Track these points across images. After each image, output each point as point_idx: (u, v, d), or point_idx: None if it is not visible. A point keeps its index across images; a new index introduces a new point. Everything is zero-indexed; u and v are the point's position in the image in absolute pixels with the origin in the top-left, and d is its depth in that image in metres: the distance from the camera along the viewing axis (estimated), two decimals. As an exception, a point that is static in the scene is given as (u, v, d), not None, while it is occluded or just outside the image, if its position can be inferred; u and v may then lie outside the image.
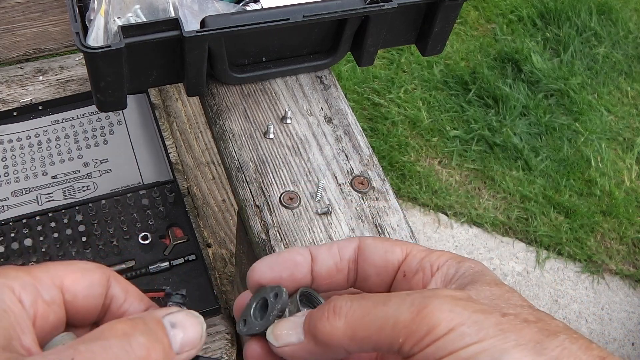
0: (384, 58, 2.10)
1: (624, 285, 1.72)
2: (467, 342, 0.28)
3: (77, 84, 1.03)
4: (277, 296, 0.35)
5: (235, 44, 0.65)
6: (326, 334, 0.31)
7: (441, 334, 0.29)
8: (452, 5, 0.67)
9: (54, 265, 0.32)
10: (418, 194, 1.80)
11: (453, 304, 0.30)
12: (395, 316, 0.30)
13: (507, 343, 0.28)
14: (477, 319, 0.29)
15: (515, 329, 0.29)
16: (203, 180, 1.00)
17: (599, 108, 2.06)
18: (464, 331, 0.29)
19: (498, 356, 0.28)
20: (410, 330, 0.29)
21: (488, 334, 0.29)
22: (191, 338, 0.31)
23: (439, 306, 0.30)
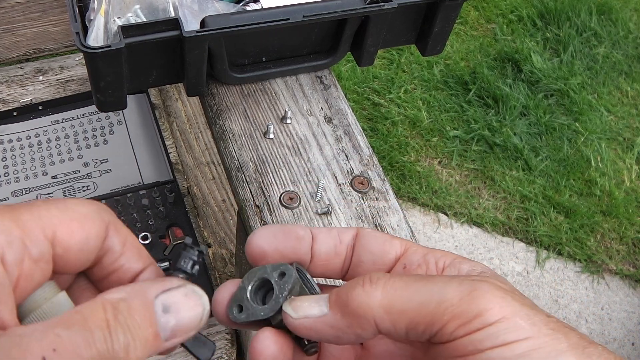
0: (384, 58, 2.10)
1: (623, 285, 1.72)
2: (520, 336, 0.27)
3: (77, 84, 1.03)
4: (284, 275, 0.32)
5: (235, 44, 0.65)
6: (361, 302, 0.29)
7: (492, 320, 0.27)
8: (452, 5, 0.67)
9: (47, 210, 0.28)
10: (418, 194, 1.80)
11: (503, 292, 0.28)
12: (441, 293, 0.28)
13: (561, 344, 0.27)
14: (529, 313, 0.28)
15: (562, 331, 0.28)
16: (203, 180, 1.00)
17: (599, 108, 2.06)
18: (517, 323, 0.27)
19: (555, 356, 0.27)
20: (459, 310, 0.28)
21: (540, 331, 0.27)
22: (185, 323, 0.28)
23: (490, 291, 0.28)
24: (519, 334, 0.27)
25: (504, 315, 0.27)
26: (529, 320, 0.28)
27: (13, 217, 0.27)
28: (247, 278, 0.33)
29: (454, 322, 0.28)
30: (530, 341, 0.27)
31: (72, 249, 0.28)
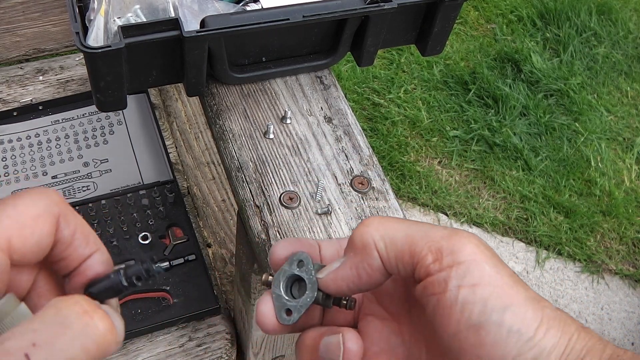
0: (384, 58, 2.10)
1: (623, 285, 1.72)
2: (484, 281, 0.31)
3: (77, 84, 1.03)
4: (302, 261, 0.37)
5: (235, 44, 0.65)
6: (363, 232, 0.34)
7: (464, 259, 0.31)
8: (452, 5, 0.67)
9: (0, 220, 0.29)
10: (418, 194, 1.80)
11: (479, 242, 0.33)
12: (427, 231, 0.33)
13: (519, 295, 0.31)
14: (497, 264, 0.32)
15: (523, 287, 0.32)
16: (203, 180, 1.00)
17: (598, 108, 2.06)
18: (484, 268, 0.31)
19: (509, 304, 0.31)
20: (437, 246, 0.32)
21: (503, 280, 0.31)
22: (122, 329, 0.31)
23: (468, 238, 0.32)
24: (483, 278, 0.31)
25: (474, 258, 0.32)
26: (495, 268, 0.32)
27: None
28: (275, 285, 0.37)
29: (431, 255, 0.32)
30: (491, 287, 0.31)
31: (27, 252, 0.30)
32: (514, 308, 0.31)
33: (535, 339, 0.31)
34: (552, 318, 0.32)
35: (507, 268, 0.33)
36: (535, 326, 0.31)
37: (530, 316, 0.31)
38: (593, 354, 0.31)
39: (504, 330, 0.31)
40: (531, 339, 0.31)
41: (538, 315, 0.31)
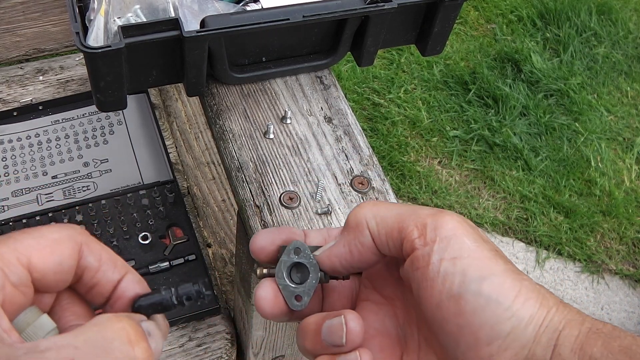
0: (384, 58, 2.10)
1: (623, 285, 1.72)
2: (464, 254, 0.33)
3: (77, 84, 1.03)
4: (298, 248, 0.39)
5: (235, 44, 0.65)
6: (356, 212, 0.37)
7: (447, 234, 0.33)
8: (452, 5, 0.67)
9: (20, 241, 0.31)
10: (418, 194, 1.80)
11: (463, 219, 0.35)
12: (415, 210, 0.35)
13: (498, 266, 0.33)
14: (477, 239, 0.34)
15: (504, 260, 0.34)
16: (203, 180, 1.00)
17: (598, 108, 2.06)
18: (464, 241, 0.33)
19: (487, 275, 0.32)
20: (423, 222, 0.34)
21: (483, 254, 0.33)
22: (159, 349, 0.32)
23: (452, 216, 0.34)
24: (463, 251, 0.33)
25: (455, 233, 0.34)
26: (475, 243, 0.33)
27: None
28: (279, 277, 0.39)
29: (417, 230, 0.34)
30: (470, 259, 0.33)
31: (47, 272, 0.31)
32: (492, 278, 0.32)
33: (513, 308, 0.32)
34: (531, 290, 0.33)
35: (488, 243, 0.34)
36: (513, 295, 0.32)
37: (509, 286, 0.32)
38: (572, 326, 0.32)
39: (482, 300, 0.32)
40: (509, 307, 0.32)
41: (516, 285, 0.32)
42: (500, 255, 0.34)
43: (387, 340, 0.39)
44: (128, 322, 0.30)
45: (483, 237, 0.35)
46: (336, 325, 0.36)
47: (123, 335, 0.29)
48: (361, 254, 0.37)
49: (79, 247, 0.33)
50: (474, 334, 0.32)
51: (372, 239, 0.36)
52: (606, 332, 0.31)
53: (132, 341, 0.29)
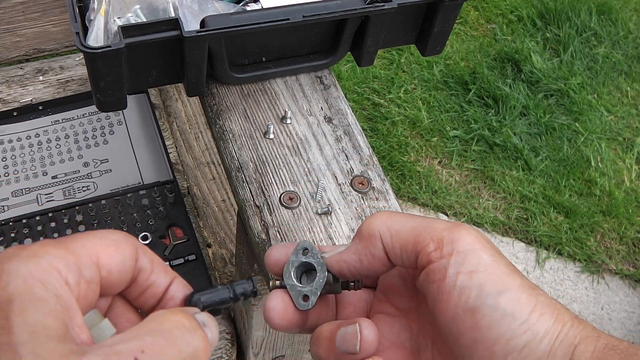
0: (384, 58, 2.10)
1: (623, 285, 1.72)
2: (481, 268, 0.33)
3: (77, 84, 1.03)
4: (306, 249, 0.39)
5: (235, 44, 0.65)
6: (370, 223, 0.37)
7: (464, 248, 0.34)
8: (452, 5, 0.67)
9: (88, 240, 0.32)
10: (418, 194, 1.80)
11: (479, 234, 0.35)
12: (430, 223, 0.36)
13: (514, 281, 0.33)
14: (494, 254, 0.34)
15: (519, 275, 0.34)
16: (203, 180, 1.00)
17: (598, 108, 2.06)
18: (481, 256, 0.34)
19: (503, 289, 0.33)
20: (439, 236, 0.34)
21: (500, 269, 0.33)
22: (215, 337, 0.33)
23: (468, 230, 0.35)
24: (480, 265, 0.33)
25: (472, 247, 0.34)
26: (492, 257, 0.34)
27: (65, 246, 0.30)
28: (287, 277, 0.39)
29: (433, 244, 0.34)
30: (487, 274, 0.33)
31: (113, 270, 0.32)
32: (508, 293, 0.32)
33: (529, 322, 0.32)
34: (546, 305, 0.33)
35: (504, 258, 0.34)
36: (529, 310, 0.32)
37: (524, 301, 0.32)
38: (588, 342, 0.32)
39: (499, 314, 0.32)
40: (525, 322, 0.32)
41: (532, 300, 0.33)
42: (515, 270, 0.34)
43: (401, 352, 0.39)
44: (183, 315, 0.31)
45: (499, 252, 0.35)
46: (350, 333, 0.36)
47: (180, 325, 0.30)
48: (371, 263, 0.37)
49: (136, 248, 0.34)
50: (489, 348, 0.32)
51: (384, 251, 0.37)
52: (622, 349, 0.31)
53: (190, 330, 0.30)
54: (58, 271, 0.29)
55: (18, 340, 0.25)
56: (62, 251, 0.30)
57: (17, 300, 0.27)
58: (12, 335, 0.26)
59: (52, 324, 0.27)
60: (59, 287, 0.29)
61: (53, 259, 0.29)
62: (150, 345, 0.28)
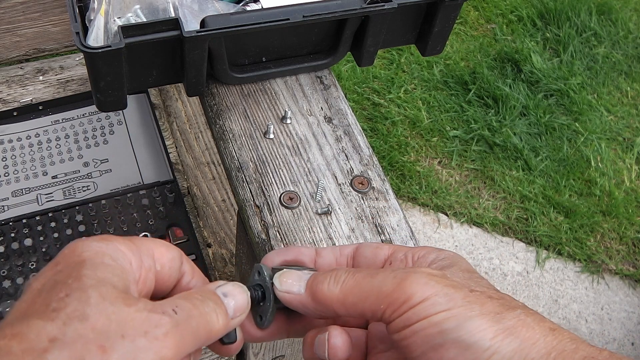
0: (384, 58, 2.10)
1: (623, 285, 1.72)
2: (437, 310, 0.34)
3: (77, 84, 1.03)
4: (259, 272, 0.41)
5: (235, 44, 0.65)
6: (324, 295, 0.38)
7: (417, 302, 0.34)
8: (452, 5, 0.67)
9: (145, 240, 0.37)
10: (418, 194, 1.80)
11: (429, 278, 0.35)
12: (379, 287, 0.36)
13: (472, 312, 0.34)
14: (448, 292, 0.35)
15: (480, 302, 0.34)
16: (203, 180, 1.00)
17: (598, 108, 2.06)
18: (435, 300, 0.34)
19: (462, 322, 0.33)
20: (391, 299, 0.35)
21: (456, 304, 0.34)
22: (240, 304, 0.37)
23: (417, 279, 0.35)
24: (436, 308, 0.34)
25: (425, 296, 0.34)
26: (447, 297, 0.34)
27: (129, 239, 0.36)
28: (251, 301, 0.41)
29: (390, 309, 0.35)
30: (445, 312, 0.34)
31: (165, 265, 0.37)
32: (469, 323, 0.33)
33: (494, 346, 0.33)
34: (511, 327, 0.33)
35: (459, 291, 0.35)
36: (492, 334, 0.33)
37: (486, 326, 0.33)
38: (564, 356, 0.32)
39: (462, 346, 0.33)
40: (489, 347, 0.33)
41: (494, 324, 0.33)
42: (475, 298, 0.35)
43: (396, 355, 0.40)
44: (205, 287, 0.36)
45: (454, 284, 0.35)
46: (321, 339, 0.39)
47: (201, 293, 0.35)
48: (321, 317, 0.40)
49: (181, 254, 0.39)
50: None
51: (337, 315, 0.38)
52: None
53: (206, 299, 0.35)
54: (123, 252, 0.34)
55: (87, 284, 0.30)
56: (126, 241, 0.35)
57: (89, 262, 0.32)
58: (82, 282, 0.31)
59: (117, 281, 0.32)
60: (125, 263, 0.34)
61: (120, 244, 0.34)
62: (182, 304, 0.33)
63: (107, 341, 0.28)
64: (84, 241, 0.34)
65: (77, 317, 0.29)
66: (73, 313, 0.29)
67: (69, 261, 0.32)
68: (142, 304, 0.31)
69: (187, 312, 0.33)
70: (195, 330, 0.33)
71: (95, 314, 0.29)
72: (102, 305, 0.30)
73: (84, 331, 0.28)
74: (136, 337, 0.29)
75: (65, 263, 0.32)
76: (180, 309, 0.33)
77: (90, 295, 0.30)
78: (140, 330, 0.30)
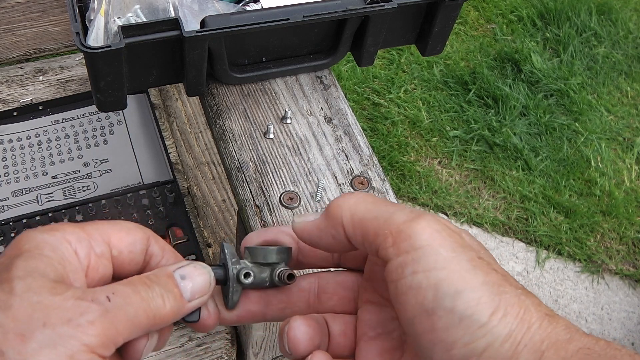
0: (384, 58, 2.10)
1: (623, 285, 1.72)
2: (439, 265, 0.31)
3: (77, 84, 1.03)
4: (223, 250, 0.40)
5: (235, 44, 0.65)
6: (336, 205, 0.36)
7: (419, 245, 0.32)
8: (452, 5, 0.67)
9: (102, 224, 0.36)
10: (418, 194, 1.80)
11: (442, 226, 0.33)
12: (393, 214, 0.34)
13: (475, 280, 0.31)
14: (455, 248, 0.32)
15: (484, 271, 0.32)
16: (203, 180, 1.00)
17: (598, 108, 2.06)
18: (439, 252, 0.32)
19: (462, 290, 0.31)
20: (398, 229, 0.33)
21: (460, 264, 0.31)
22: (199, 286, 0.36)
23: (430, 223, 0.33)
24: (438, 262, 0.31)
25: (430, 243, 0.32)
26: (453, 253, 0.32)
27: (79, 226, 0.35)
28: None
29: (390, 239, 0.33)
30: (445, 272, 0.31)
31: (124, 250, 0.36)
32: (467, 293, 0.31)
33: (489, 325, 0.30)
34: (511, 304, 0.31)
35: (469, 251, 0.32)
36: (489, 312, 0.30)
37: (485, 301, 0.30)
38: (557, 347, 0.30)
39: (456, 317, 0.30)
40: (484, 325, 0.30)
41: (494, 300, 0.31)
42: (482, 264, 0.32)
43: (387, 342, 0.39)
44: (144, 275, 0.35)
45: (464, 244, 0.33)
46: (280, 332, 0.38)
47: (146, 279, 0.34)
48: (333, 243, 0.37)
49: (148, 236, 0.38)
50: (447, 352, 0.31)
51: (345, 236, 0.36)
52: (599, 352, 0.29)
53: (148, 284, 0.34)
54: (69, 242, 0.34)
55: (14, 275, 0.31)
56: (76, 229, 0.35)
57: (25, 254, 0.32)
58: (11, 273, 0.31)
59: (50, 271, 0.31)
60: (67, 253, 0.33)
61: (66, 233, 0.34)
62: (120, 290, 0.32)
63: (27, 330, 0.29)
64: (28, 233, 0.34)
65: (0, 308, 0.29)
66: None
67: (9, 253, 0.33)
68: (71, 292, 0.31)
69: (123, 298, 0.32)
70: (133, 317, 0.32)
71: (18, 304, 0.29)
72: (26, 294, 0.30)
73: (4, 320, 0.29)
74: (57, 325, 0.29)
75: (7, 255, 0.33)
76: (117, 296, 0.32)
77: (14, 285, 0.30)
78: (63, 318, 0.30)
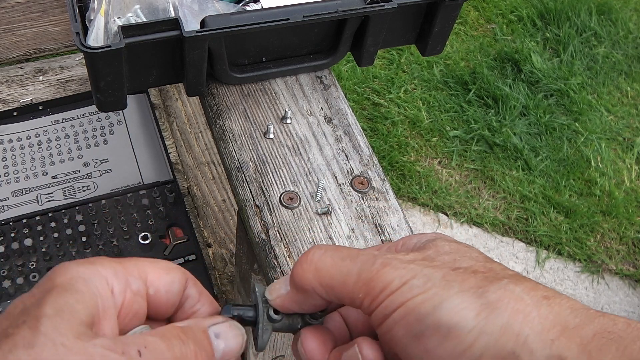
0: (384, 58, 2.10)
1: (623, 285, 1.72)
2: (415, 293, 0.31)
3: (77, 84, 1.03)
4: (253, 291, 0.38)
5: (235, 44, 0.65)
6: (301, 279, 0.35)
7: (395, 288, 0.32)
8: (452, 5, 0.67)
9: (141, 261, 0.35)
10: (418, 194, 1.80)
11: (409, 262, 0.33)
12: (358, 274, 0.33)
13: (450, 291, 0.31)
14: (427, 272, 0.32)
15: (460, 279, 0.31)
16: (203, 180, 1.00)
17: (598, 108, 2.06)
18: (413, 283, 0.31)
19: (438, 303, 0.30)
20: (369, 288, 0.32)
21: (434, 284, 0.31)
22: (232, 348, 0.35)
23: (396, 265, 0.33)
24: (413, 292, 0.31)
25: (403, 281, 0.32)
26: (424, 279, 0.32)
27: (117, 261, 0.34)
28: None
29: (367, 298, 0.33)
30: (422, 295, 0.31)
31: (161, 290, 0.35)
32: (445, 304, 0.30)
33: (478, 326, 0.29)
34: (495, 300, 0.30)
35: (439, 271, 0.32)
36: (473, 314, 0.29)
37: (466, 305, 0.30)
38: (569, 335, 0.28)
39: (443, 330, 0.30)
40: (473, 328, 0.29)
41: (475, 302, 0.30)
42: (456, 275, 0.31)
43: None
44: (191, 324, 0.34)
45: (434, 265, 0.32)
46: (351, 355, 0.35)
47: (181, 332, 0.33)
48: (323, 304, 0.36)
49: (187, 278, 0.37)
50: None
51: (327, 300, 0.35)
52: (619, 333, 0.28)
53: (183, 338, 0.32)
54: (105, 277, 0.33)
55: (43, 312, 0.29)
56: (113, 263, 0.34)
57: (58, 288, 0.31)
58: (40, 309, 0.29)
59: (80, 310, 0.30)
60: (102, 289, 0.32)
61: (102, 267, 0.33)
62: (152, 343, 0.31)
63: None
64: (64, 265, 0.33)
65: (23, 346, 0.28)
66: (21, 341, 0.28)
67: (44, 286, 0.31)
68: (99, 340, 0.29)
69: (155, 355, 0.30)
70: None
71: (42, 344, 0.28)
72: (52, 335, 0.28)
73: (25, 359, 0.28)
74: None
75: (41, 288, 0.31)
76: (149, 350, 0.30)
77: (42, 323, 0.29)
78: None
